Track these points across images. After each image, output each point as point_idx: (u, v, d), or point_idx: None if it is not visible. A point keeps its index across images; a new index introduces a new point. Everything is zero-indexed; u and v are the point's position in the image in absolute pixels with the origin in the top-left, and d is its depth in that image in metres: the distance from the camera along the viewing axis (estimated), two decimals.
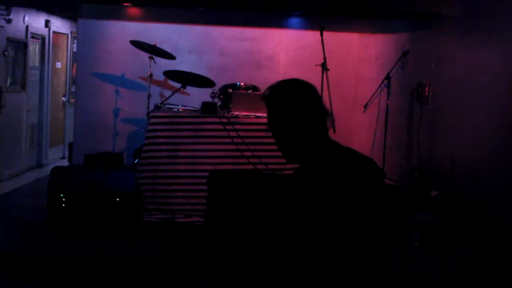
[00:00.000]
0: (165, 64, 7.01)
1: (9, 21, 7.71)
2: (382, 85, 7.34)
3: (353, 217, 1.98)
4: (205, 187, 5.54)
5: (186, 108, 6.60)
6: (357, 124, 7.89)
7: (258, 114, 6.14)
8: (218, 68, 7.63)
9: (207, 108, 6.11)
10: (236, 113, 6.17)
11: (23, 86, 8.31)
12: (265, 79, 7.53)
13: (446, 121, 6.39)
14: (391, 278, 4.46)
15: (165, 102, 6.58)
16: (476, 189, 5.59)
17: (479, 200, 5.41)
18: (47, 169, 7.09)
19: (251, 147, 6.00)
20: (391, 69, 7.18)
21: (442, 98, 6.50)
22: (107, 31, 7.62)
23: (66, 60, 9.89)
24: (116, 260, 4.67)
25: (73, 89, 9.68)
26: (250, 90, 6.55)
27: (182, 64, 7.35)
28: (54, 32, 9.26)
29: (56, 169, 5.57)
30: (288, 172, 6.01)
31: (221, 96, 6.46)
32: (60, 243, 5.01)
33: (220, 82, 6.71)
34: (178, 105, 6.65)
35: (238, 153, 6.00)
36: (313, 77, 7.01)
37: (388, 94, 7.16)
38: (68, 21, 9.69)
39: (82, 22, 7.63)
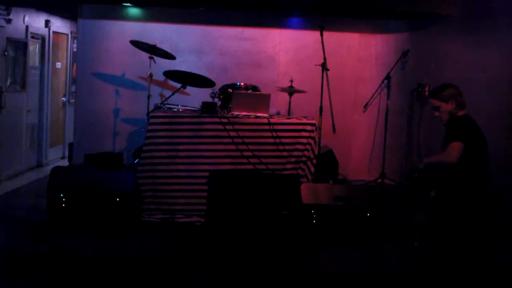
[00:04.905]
0: (165, 64, 7.01)
1: (9, 21, 7.71)
2: (382, 85, 7.35)
3: None
4: (205, 187, 5.54)
5: (186, 108, 6.60)
6: (357, 124, 7.89)
7: (258, 114, 6.14)
8: (218, 68, 7.63)
9: (207, 108, 6.12)
10: (236, 113, 6.17)
11: (23, 86, 8.31)
12: (265, 79, 7.55)
13: None
14: (391, 278, 4.47)
15: (165, 102, 6.59)
16: None
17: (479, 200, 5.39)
18: (47, 169, 7.09)
19: (251, 147, 6.00)
20: (391, 69, 7.18)
21: None
22: (107, 31, 7.62)
23: (66, 60, 9.89)
24: (116, 260, 4.67)
25: (73, 89, 9.68)
26: (250, 90, 6.55)
27: (182, 64, 7.36)
28: (54, 32, 9.26)
29: (56, 169, 5.57)
30: (288, 172, 6.02)
31: (221, 96, 6.46)
32: (60, 243, 5.01)
33: (220, 82, 6.71)
34: (178, 105, 6.65)
35: (238, 153, 6.00)
36: (313, 77, 7.09)
37: (388, 94, 7.16)
38: (68, 21, 9.69)
39: (82, 22, 7.63)
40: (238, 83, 6.62)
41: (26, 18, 8.24)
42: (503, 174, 5.27)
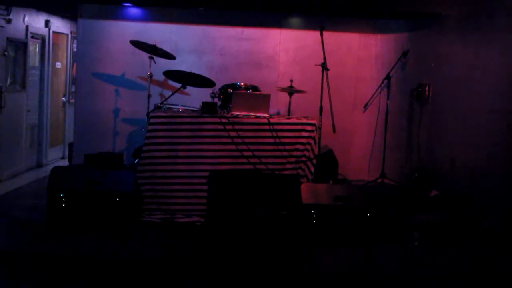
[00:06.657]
0: (165, 64, 7.01)
1: (9, 21, 7.70)
2: (382, 85, 7.35)
3: None
4: (205, 187, 5.54)
5: (186, 108, 6.60)
6: (357, 124, 7.89)
7: (258, 114, 6.14)
8: (218, 68, 7.63)
9: (207, 108, 6.12)
10: (236, 113, 6.17)
11: (23, 86, 8.31)
12: (265, 79, 7.56)
13: (446, 121, 6.40)
14: (391, 278, 4.47)
15: (165, 102, 6.59)
16: (476, 189, 5.59)
17: (479, 200, 5.41)
18: (47, 169, 7.09)
19: (251, 147, 6.00)
20: (391, 69, 7.18)
21: (442, 98, 6.50)
22: (107, 31, 7.63)
23: (66, 60, 9.89)
24: (116, 260, 4.67)
25: (73, 89, 9.68)
26: (250, 90, 6.55)
27: (182, 64, 7.36)
28: (54, 32, 9.26)
29: (56, 169, 5.57)
30: (288, 172, 6.02)
31: (221, 96, 6.46)
32: (60, 243, 5.01)
33: (220, 82, 6.71)
34: (178, 105, 6.65)
35: (238, 153, 6.00)
36: (313, 77, 7.10)
37: (388, 94, 7.16)
38: (68, 21, 9.69)
39: (82, 22, 7.63)
40: (238, 83, 6.62)
41: (26, 18, 8.24)
42: (504, 174, 5.28)
